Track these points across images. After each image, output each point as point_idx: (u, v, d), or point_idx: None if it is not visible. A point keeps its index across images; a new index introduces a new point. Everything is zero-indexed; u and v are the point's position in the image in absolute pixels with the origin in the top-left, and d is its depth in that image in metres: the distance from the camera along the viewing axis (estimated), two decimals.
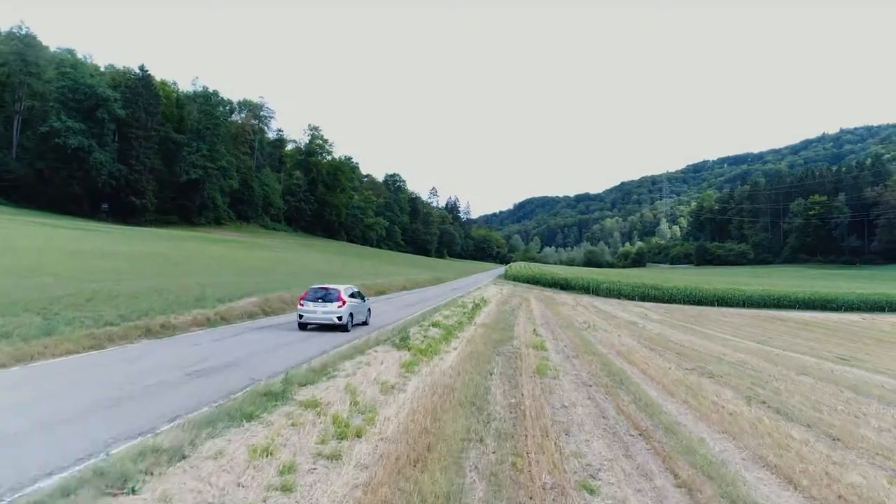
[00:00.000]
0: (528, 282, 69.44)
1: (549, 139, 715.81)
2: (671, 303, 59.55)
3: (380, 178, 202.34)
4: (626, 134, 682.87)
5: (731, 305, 60.78)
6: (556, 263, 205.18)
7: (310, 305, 19.79)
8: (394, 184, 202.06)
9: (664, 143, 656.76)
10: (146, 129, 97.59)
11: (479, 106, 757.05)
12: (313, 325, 20.12)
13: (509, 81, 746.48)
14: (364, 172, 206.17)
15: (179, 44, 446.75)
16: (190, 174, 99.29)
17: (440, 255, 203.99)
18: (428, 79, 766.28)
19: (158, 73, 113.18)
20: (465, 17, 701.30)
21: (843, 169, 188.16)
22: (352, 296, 21.07)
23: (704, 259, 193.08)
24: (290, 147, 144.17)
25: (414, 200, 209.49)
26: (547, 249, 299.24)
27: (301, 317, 19.81)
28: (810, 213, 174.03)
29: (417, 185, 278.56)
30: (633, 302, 55.74)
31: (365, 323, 22.50)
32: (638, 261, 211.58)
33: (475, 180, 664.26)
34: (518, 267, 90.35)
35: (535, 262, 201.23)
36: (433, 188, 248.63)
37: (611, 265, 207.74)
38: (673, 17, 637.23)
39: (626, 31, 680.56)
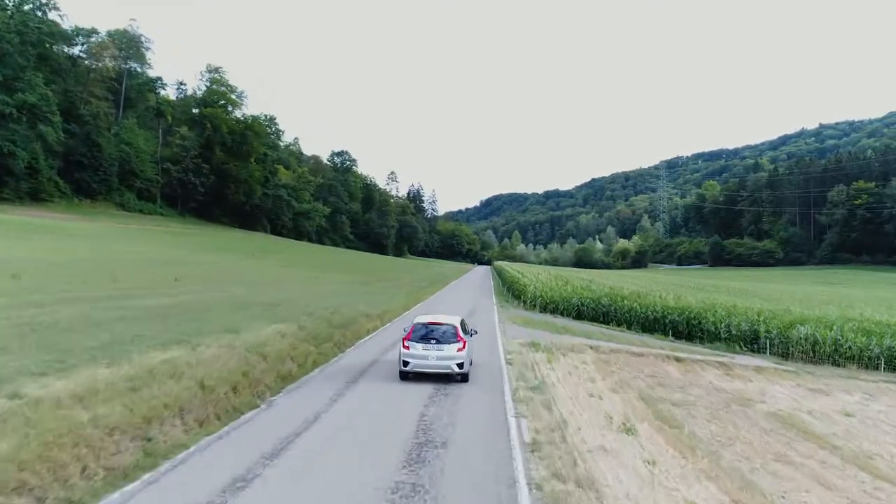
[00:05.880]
0: (581, 315, 30.62)
1: (516, 134, 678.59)
2: None
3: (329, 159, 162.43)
4: (595, 129, 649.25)
5: None
6: (540, 263, 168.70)
7: (418, 348, 14.48)
8: (342, 164, 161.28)
9: (635, 138, 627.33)
10: None
11: (444, 99, 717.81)
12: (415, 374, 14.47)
13: (475, 76, 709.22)
14: (309, 154, 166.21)
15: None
16: None
17: (399, 253, 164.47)
18: (390, 68, 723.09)
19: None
20: (425, 5, 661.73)
21: (893, 148, 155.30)
22: (464, 330, 15.43)
23: (721, 259, 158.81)
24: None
25: (368, 187, 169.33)
26: (521, 247, 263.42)
27: (406, 363, 14.48)
28: (855, 202, 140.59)
29: (372, 175, 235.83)
30: None
31: (471, 363, 15.58)
32: (638, 260, 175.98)
33: (439, 176, 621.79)
34: (539, 280, 45.16)
35: (516, 260, 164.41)
36: (392, 173, 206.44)
37: (607, 265, 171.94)
38: (644, 11, 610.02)
39: (596, 25, 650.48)
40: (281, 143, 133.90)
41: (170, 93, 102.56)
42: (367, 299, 28.52)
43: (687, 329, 26.11)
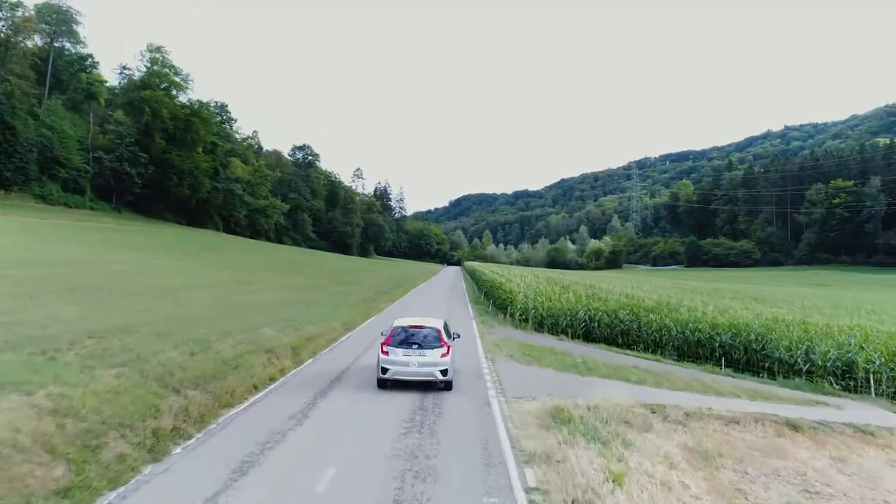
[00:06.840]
0: (590, 334, 22.51)
1: (485, 135, 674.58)
2: None
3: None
4: (564, 130, 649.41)
5: None
6: (511, 263, 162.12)
7: (398, 354, 13.08)
8: (304, 158, 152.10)
9: (604, 139, 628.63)
10: None
11: (412, 98, 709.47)
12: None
13: (444, 76, 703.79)
14: (269, 148, 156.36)
15: None
16: None
17: (364, 253, 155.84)
18: (358, 65, 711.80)
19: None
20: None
21: (870, 146, 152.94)
22: (447, 333, 14.05)
23: (698, 259, 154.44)
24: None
25: (333, 184, 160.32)
26: (491, 247, 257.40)
27: (385, 371, 13.07)
28: (834, 201, 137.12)
29: (337, 171, 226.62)
30: None
31: (454, 370, 14.14)
32: (613, 261, 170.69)
33: (408, 176, 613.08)
34: (528, 285, 35.16)
35: (487, 261, 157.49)
36: (358, 169, 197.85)
37: (580, 266, 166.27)
38: (611, 15, 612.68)
39: (564, 28, 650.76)
40: (238, 135, 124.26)
41: (104, 74, 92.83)
42: (294, 316, 20.19)
43: (745, 356, 18.77)
